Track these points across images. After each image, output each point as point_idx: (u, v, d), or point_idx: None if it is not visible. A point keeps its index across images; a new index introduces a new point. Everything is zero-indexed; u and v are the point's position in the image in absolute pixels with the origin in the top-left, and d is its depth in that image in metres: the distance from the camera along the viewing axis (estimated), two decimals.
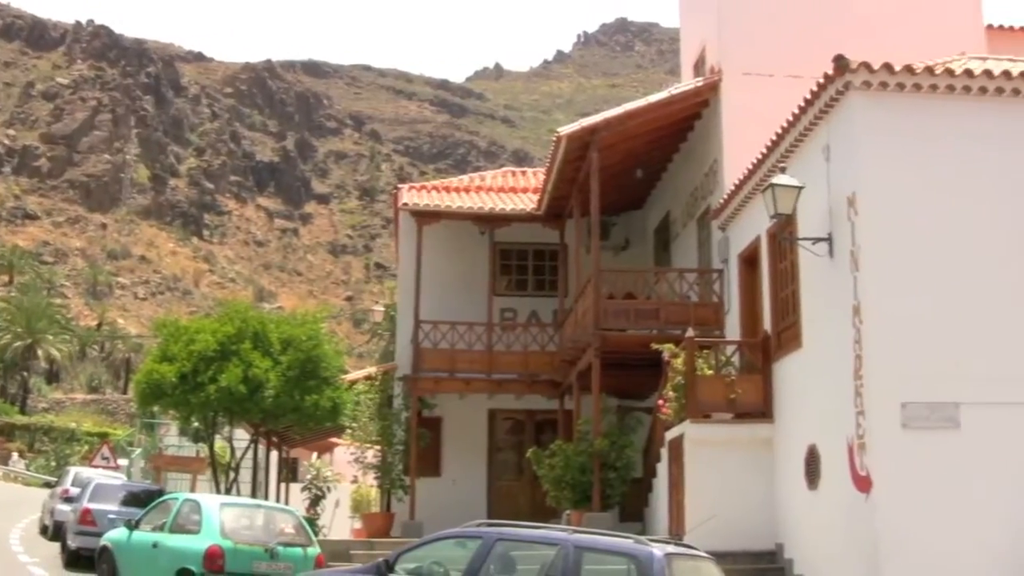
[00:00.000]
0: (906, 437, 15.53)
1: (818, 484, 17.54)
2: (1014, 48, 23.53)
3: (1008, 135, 16.59)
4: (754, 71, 23.27)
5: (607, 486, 22.75)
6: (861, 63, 16.10)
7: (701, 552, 12.96)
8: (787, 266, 19.28)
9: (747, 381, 19.95)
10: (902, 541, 15.23)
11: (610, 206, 27.28)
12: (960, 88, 16.45)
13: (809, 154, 17.88)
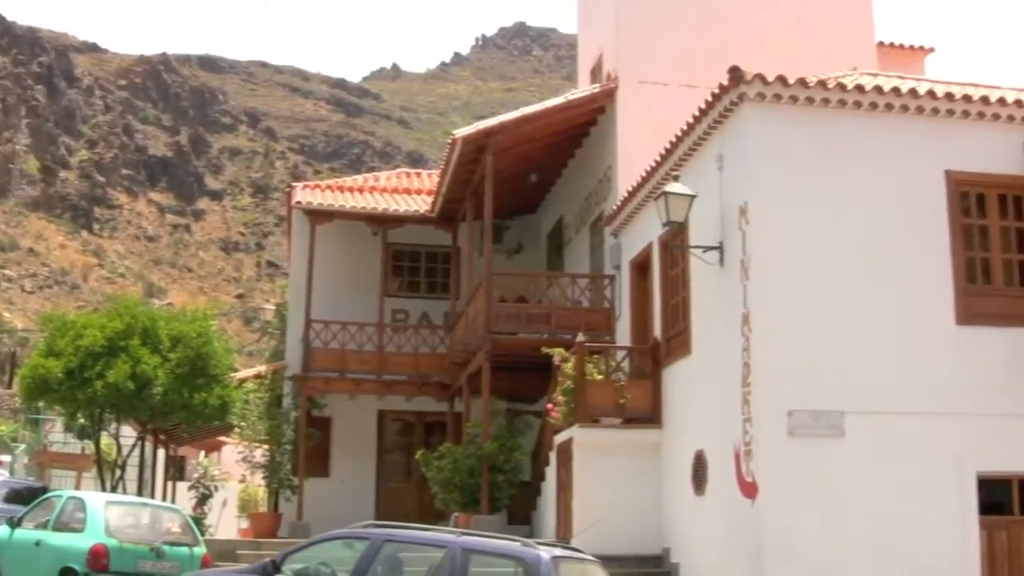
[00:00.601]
0: (792, 444, 15.67)
1: (705, 489, 17.65)
2: (904, 65, 24.01)
3: (897, 151, 16.84)
4: (650, 79, 23.39)
5: (495, 489, 22.69)
6: (755, 75, 16.23)
7: (588, 556, 12.97)
8: (678, 273, 19.38)
9: (636, 387, 20.02)
10: (787, 546, 15.36)
11: (504, 210, 27.29)
12: (851, 103, 16.68)
13: (702, 163, 17.99)
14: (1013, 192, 17.24)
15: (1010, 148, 17.25)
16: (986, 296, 16.85)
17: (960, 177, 16.96)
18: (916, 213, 16.71)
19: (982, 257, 17.01)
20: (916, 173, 16.82)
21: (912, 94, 16.94)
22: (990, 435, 16.27)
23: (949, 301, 16.55)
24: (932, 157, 16.90)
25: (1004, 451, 16.38)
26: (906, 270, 16.49)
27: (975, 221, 17.06)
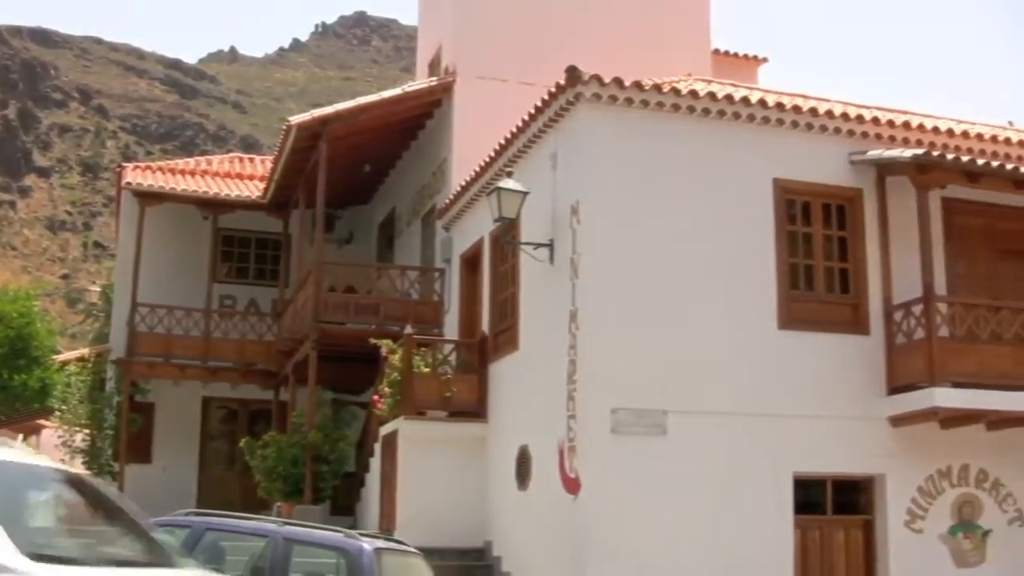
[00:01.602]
0: (615, 442, 15.69)
1: (528, 484, 17.61)
2: (738, 74, 24.38)
3: (727, 157, 17.02)
4: (488, 75, 23.34)
5: (319, 479, 22.39)
6: (592, 75, 16.21)
7: (411, 548, 12.84)
8: (508, 269, 19.32)
9: (463, 380, 19.93)
10: (608, 542, 15.40)
11: (337, 199, 26.94)
12: (685, 108, 16.78)
13: (537, 161, 17.94)
14: (837, 202, 17.61)
15: (836, 159, 17.60)
16: (807, 302, 17.18)
17: (787, 185, 17.24)
18: (744, 219, 16.92)
19: (805, 264, 17.34)
20: (745, 180, 17.03)
21: (744, 102, 17.14)
22: (806, 437, 16.61)
23: (772, 306, 16.81)
24: (761, 165, 17.14)
25: (819, 452, 16.73)
26: (732, 274, 16.68)
27: (800, 229, 17.39)
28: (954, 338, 16.81)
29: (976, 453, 17.77)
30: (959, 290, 18.06)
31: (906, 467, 17.32)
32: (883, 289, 17.46)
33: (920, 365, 16.61)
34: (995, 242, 18.87)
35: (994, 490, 17.94)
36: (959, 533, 17.61)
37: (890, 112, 19.04)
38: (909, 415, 16.88)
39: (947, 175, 17.08)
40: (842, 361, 17.07)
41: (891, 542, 17.12)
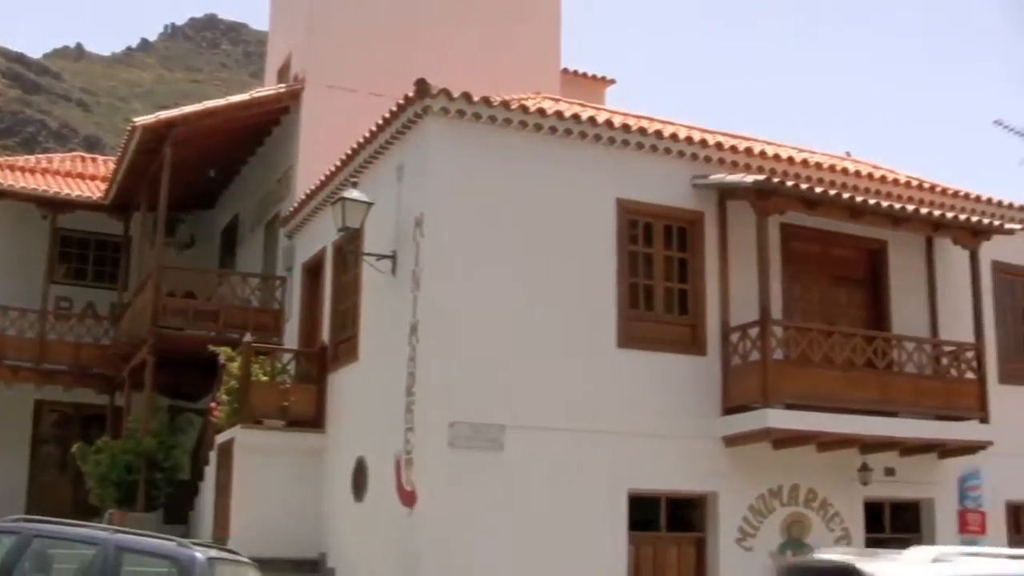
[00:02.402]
0: (452, 456, 15.59)
1: (364, 496, 17.44)
2: (586, 94, 24.56)
3: (573, 175, 17.09)
4: (337, 84, 23.15)
5: (153, 487, 21.95)
6: (441, 89, 16.13)
7: (244, 558, 12.58)
8: (350, 280, 19.13)
9: (302, 390, 19.67)
10: (443, 555, 15.29)
11: (180, 202, 26.37)
12: (532, 125, 16.80)
13: (383, 172, 17.78)
14: (679, 224, 17.83)
15: (679, 181, 17.81)
16: (646, 321, 17.33)
17: (630, 206, 17.38)
18: (587, 237, 17.00)
19: (645, 284, 17.49)
20: (589, 199, 17.12)
21: (591, 122, 17.23)
22: (642, 454, 16.74)
23: (612, 324, 16.91)
24: (605, 184, 17.25)
25: (654, 470, 16.89)
26: (573, 291, 16.74)
27: (641, 249, 17.51)
28: (788, 361, 17.16)
29: (806, 473, 18.12)
30: (794, 314, 18.45)
31: (739, 486, 17.58)
32: (721, 311, 17.71)
33: (754, 386, 16.88)
34: (830, 268, 19.35)
35: (822, 509, 18.31)
36: (788, 551, 17.90)
37: (733, 138, 19.39)
38: (743, 435, 17.12)
39: (786, 202, 17.38)
40: (679, 380, 17.25)
41: (722, 559, 17.35)
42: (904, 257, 19.83)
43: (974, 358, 18.95)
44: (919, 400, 18.30)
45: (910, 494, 19.61)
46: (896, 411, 18.18)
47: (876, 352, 17.93)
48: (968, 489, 19.93)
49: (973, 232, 19.26)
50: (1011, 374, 20.75)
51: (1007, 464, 19.85)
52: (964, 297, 19.39)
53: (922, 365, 18.55)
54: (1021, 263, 21.36)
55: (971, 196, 20.84)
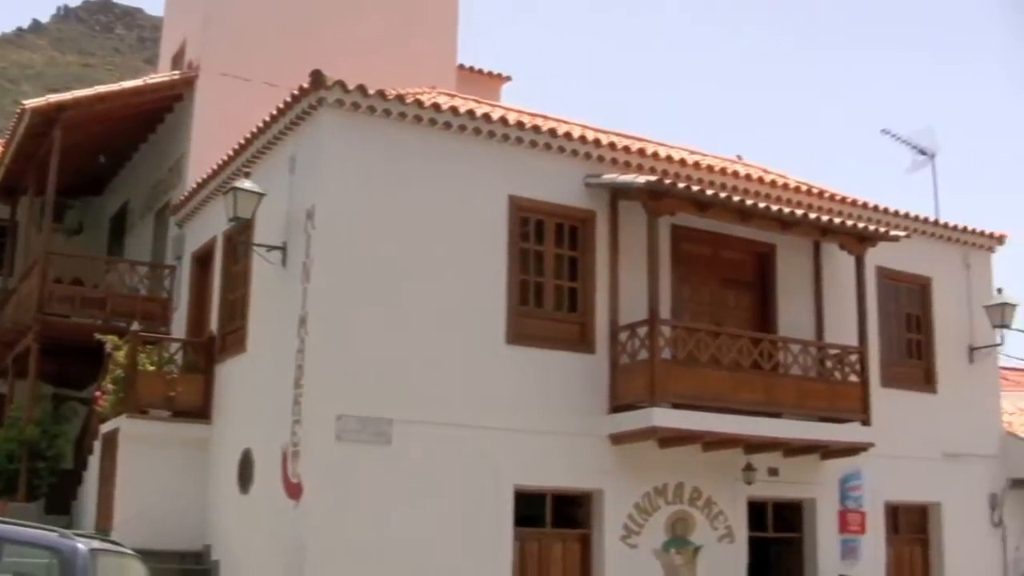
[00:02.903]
0: (339, 449, 15.60)
1: (250, 488, 17.38)
2: (482, 91, 24.68)
3: (466, 171, 17.17)
4: (232, 73, 22.99)
5: (35, 476, 21.54)
6: (336, 81, 16.14)
7: (127, 549, 12.46)
8: (240, 270, 19.05)
9: (189, 380, 19.53)
10: (329, 548, 15.29)
11: (68, 188, 25.97)
12: (427, 120, 16.85)
13: (275, 163, 17.74)
14: (570, 222, 18.00)
15: (572, 180, 17.99)
16: (536, 319, 17.47)
17: (522, 203, 17.51)
18: (478, 234, 17.10)
19: (536, 281, 17.63)
20: (482, 195, 17.22)
21: (485, 118, 17.34)
22: (529, 451, 16.89)
23: (501, 320, 17.03)
24: (498, 181, 17.36)
25: (541, 467, 17.05)
26: (463, 287, 16.82)
27: (533, 246, 17.67)
28: (675, 360, 17.42)
29: (691, 472, 18.43)
30: (683, 314, 18.74)
31: (624, 484, 17.82)
32: (610, 310, 17.93)
33: (642, 385, 17.13)
34: (719, 270, 19.68)
35: (707, 508, 18.63)
36: (672, 549, 18.22)
37: (626, 138, 19.62)
38: (629, 433, 17.36)
39: (678, 203, 17.66)
40: (567, 378, 17.43)
41: (607, 556, 17.56)
42: (792, 261, 20.24)
43: (857, 361, 19.41)
44: (803, 402, 18.70)
45: (793, 494, 20.04)
46: (781, 412, 18.56)
47: (762, 354, 18.28)
48: (849, 489, 20.41)
49: (860, 238, 19.73)
50: (893, 378, 21.32)
51: (887, 465, 20.43)
52: (849, 301, 19.85)
53: (807, 367, 18.95)
54: (905, 269, 21.95)
55: (858, 203, 21.30)
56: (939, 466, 21.83)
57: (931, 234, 22.58)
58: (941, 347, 22.44)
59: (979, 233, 23.33)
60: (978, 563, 22.34)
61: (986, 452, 22.77)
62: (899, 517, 21.80)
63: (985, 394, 23.11)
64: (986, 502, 22.69)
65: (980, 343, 22.94)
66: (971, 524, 22.38)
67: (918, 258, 22.13)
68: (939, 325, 22.48)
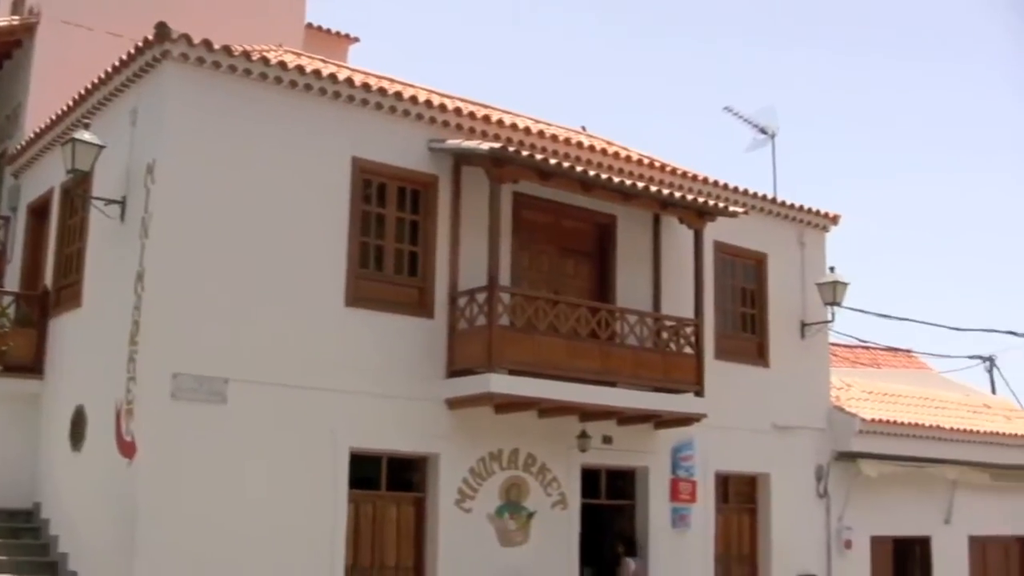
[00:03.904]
0: (174, 407, 15.62)
1: (83, 446, 17.28)
2: (329, 51, 24.67)
3: (310, 131, 17.21)
4: (74, 21, 22.59)
5: None
6: (182, 34, 16.03)
7: None
8: (77, 223, 18.86)
9: (21, 335, 19.19)
10: (162, 507, 15.32)
11: None
12: (273, 78, 16.84)
13: (116, 115, 17.58)
14: (413, 186, 18.18)
15: (416, 144, 18.18)
16: (375, 282, 17.63)
17: (365, 166, 17.63)
18: (320, 195, 17.17)
19: (376, 244, 17.78)
20: (325, 156, 17.28)
21: (331, 79, 17.41)
22: (365, 413, 17.12)
23: (340, 282, 17.16)
24: (342, 143, 17.44)
25: (377, 430, 17.28)
26: (304, 248, 16.90)
27: (375, 209, 17.80)
28: (514, 327, 17.76)
29: (526, 438, 18.87)
30: (522, 282, 19.11)
31: (460, 448, 18.17)
32: (450, 275, 18.19)
33: (479, 351, 17.45)
34: (560, 239, 20.08)
35: (541, 474, 19.08)
36: (506, 514, 18.62)
37: (472, 104, 19.85)
38: (466, 398, 17.71)
39: (520, 171, 17.99)
40: (405, 342, 17.67)
41: (441, 519, 17.91)
42: (632, 232, 20.74)
43: (693, 334, 20.00)
44: (638, 372, 19.23)
45: (626, 462, 20.63)
46: (616, 381, 19.02)
47: (600, 323, 18.75)
48: (681, 459, 21.07)
49: (699, 213, 20.30)
50: (726, 350, 22.03)
51: (718, 436, 21.18)
52: (687, 275, 20.46)
53: (643, 338, 19.47)
54: (742, 245, 22.65)
55: (699, 178, 21.86)
56: (769, 438, 22.67)
57: (768, 211, 23.32)
58: (774, 322, 23.24)
59: (814, 212, 24.15)
60: (804, 532, 23.28)
61: (814, 425, 23.69)
62: (729, 486, 22.57)
63: (815, 369, 24.01)
64: (812, 474, 23.63)
65: (812, 319, 23.79)
66: (798, 494, 23.29)
67: (755, 234, 22.87)
68: (773, 301, 23.27)
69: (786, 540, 22.91)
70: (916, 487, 25.59)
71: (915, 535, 26.31)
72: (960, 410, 28.60)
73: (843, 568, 23.90)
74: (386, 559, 17.69)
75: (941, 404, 28.35)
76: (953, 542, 26.97)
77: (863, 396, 25.96)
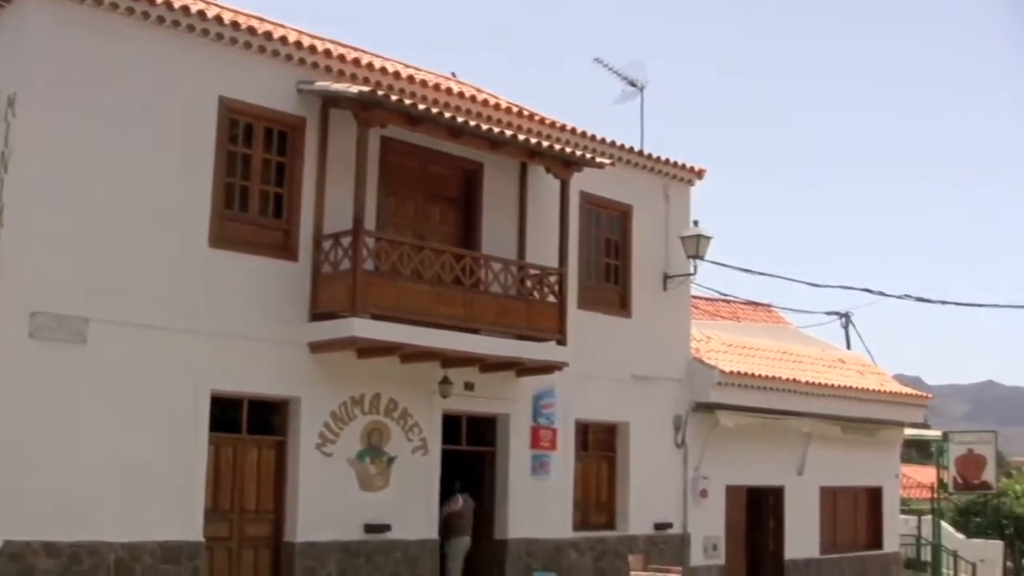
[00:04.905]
0: (32, 347, 15.55)
1: None
2: None
3: (178, 68, 17.10)
4: None
5: None
6: None
7: None
8: None
9: None
10: (18, 449, 15.25)
11: None
12: (140, 12, 16.58)
13: None
14: (280, 127, 18.20)
15: (285, 86, 18.18)
16: (241, 223, 17.68)
17: (233, 105, 17.60)
18: (187, 133, 17.09)
19: (242, 185, 17.77)
20: (192, 94, 17.20)
21: (200, 16, 17.24)
22: (227, 356, 17.24)
23: (204, 223, 17.14)
24: (209, 81, 17.38)
25: (239, 372, 17.41)
26: (168, 187, 16.83)
27: (241, 150, 17.79)
28: (378, 272, 17.99)
29: (389, 383, 19.18)
30: (388, 227, 19.30)
31: (322, 392, 18.39)
32: (315, 218, 18.31)
33: (343, 295, 17.67)
34: (427, 185, 20.31)
35: (402, 419, 19.41)
36: (367, 458, 18.90)
37: (342, 47, 19.88)
38: (328, 342, 17.93)
39: (389, 116, 18.15)
40: (269, 284, 17.78)
41: (302, 463, 18.14)
42: (499, 180, 21.05)
43: (556, 283, 20.44)
44: (502, 319, 19.61)
45: (487, 409, 21.09)
46: (479, 328, 19.37)
47: (464, 270, 19.06)
48: (542, 407, 21.55)
49: (566, 163, 20.67)
50: (589, 300, 22.53)
51: (579, 385, 21.73)
52: (552, 224, 20.86)
53: (507, 286, 19.82)
54: (607, 196, 23.10)
55: (567, 128, 22.22)
56: (629, 388, 23.27)
57: (634, 164, 23.79)
58: (637, 274, 23.81)
59: (680, 166, 24.70)
60: (661, 481, 23.98)
61: (673, 376, 24.37)
62: (589, 435, 23.16)
63: (676, 321, 24.67)
64: (671, 424, 24.33)
65: (674, 272, 24.42)
66: (656, 444, 23.98)
67: (621, 186, 23.34)
68: (636, 252, 23.83)
69: (644, 488, 23.57)
70: (771, 438, 26.47)
71: (769, 485, 27.25)
72: (816, 364, 29.57)
73: (698, 516, 24.70)
74: (246, 502, 17.83)
75: (798, 358, 29.24)
76: (805, 492, 27.99)
77: (722, 349, 26.69)
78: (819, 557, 28.47)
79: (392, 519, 19.00)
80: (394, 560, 19.03)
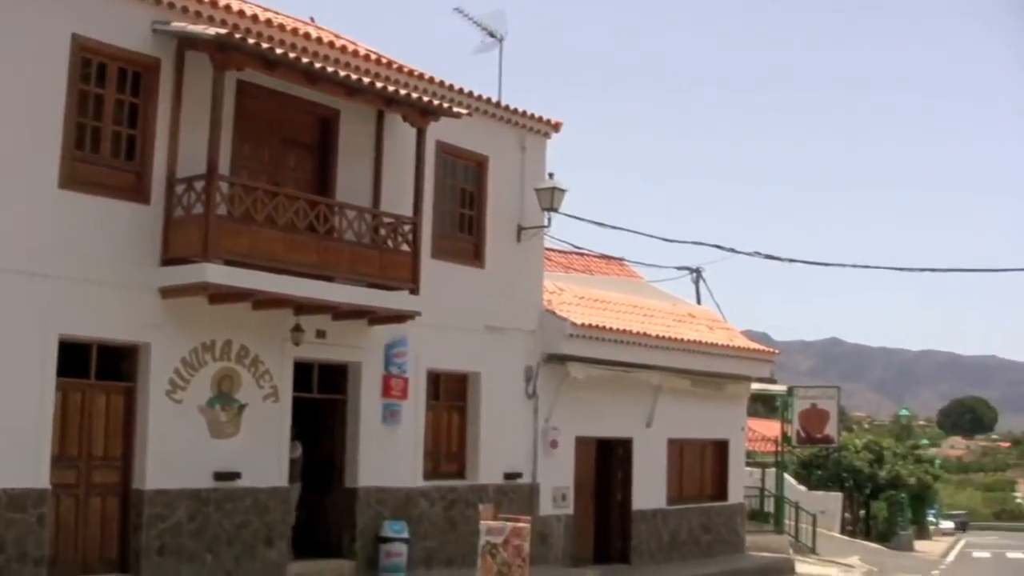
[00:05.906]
0: None
1: None
2: None
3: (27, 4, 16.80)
4: None
5: None
6: None
7: None
8: None
9: None
10: None
11: None
12: None
13: None
14: (134, 68, 18.00)
15: (140, 25, 17.93)
16: (92, 164, 17.48)
17: (86, 44, 17.34)
18: (37, 71, 16.82)
19: (93, 126, 17.57)
20: (43, 31, 16.89)
21: None
22: (76, 300, 17.10)
23: (54, 164, 16.93)
24: (62, 19, 17.08)
25: (87, 317, 17.30)
26: (15, 126, 16.58)
27: (93, 89, 17.59)
28: (231, 217, 18.00)
29: (240, 330, 19.27)
30: (242, 172, 19.29)
31: (172, 338, 18.39)
32: (168, 161, 18.19)
33: (195, 240, 17.65)
34: (282, 131, 20.34)
35: (253, 367, 19.53)
36: (217, 405, 18.99)
37: None
38: (179, 288, 17.93)
39: (245, 59, 18.12)
40: (120, 227, 17.65)
41: (151, 410, 18.11)
42: (355, 128, 21.16)
43: (410, 232, 20.68)
44: (355, 267, 19.80)
45: (339, 357, 21.31)
46: (333, 276, 19.54)
47: (318, 217, 19.16)
48: (394, 356, 21.85)
49: (422, 111, 20.90)
50: (443, 250, 22.84)
51: (431, 335, 22.06)
52: (408, 173, 21.10)
53: (361, 234, 19.97)
54: (464, 146, 23.39)
55: (425, 76, 22.39)
56: (481, 338, 23.68)
57: (492, 115, 24.11)
58: (492, 225, 24.18)
59: (536, 118, 25.09)
60: (511, 431, 24.48)
61: (525, 327, 24.84)
62: (440, 384, 23.52)
63: (529, 273, 25.13)
64: (522, 374, 24.81)
65: (529, 224, 24.86)
66: (507, 394, 24.47)
67: (477, 137, 23.65)
68: (492, 203, 24.19)
69: (494, 438, 24.04)
70: (621, 391, 27.15)
71: (618, 436, 27.93)
72: (666, 319, 30.28)
73: (548, 466, 25.27)
74: (94, 449, 17.78)
75: (649, 312, 29.92)
76: (653, 444, 28.77)
77: (575, 301, 27.21)
78: (666, 508, 29.31)
79: (242, 467, 19.12)
80: (244, 507, 19.18)
